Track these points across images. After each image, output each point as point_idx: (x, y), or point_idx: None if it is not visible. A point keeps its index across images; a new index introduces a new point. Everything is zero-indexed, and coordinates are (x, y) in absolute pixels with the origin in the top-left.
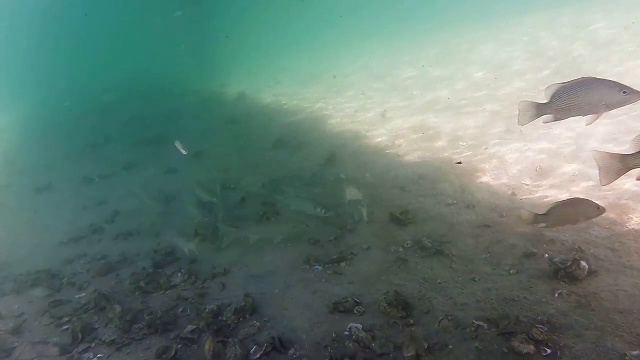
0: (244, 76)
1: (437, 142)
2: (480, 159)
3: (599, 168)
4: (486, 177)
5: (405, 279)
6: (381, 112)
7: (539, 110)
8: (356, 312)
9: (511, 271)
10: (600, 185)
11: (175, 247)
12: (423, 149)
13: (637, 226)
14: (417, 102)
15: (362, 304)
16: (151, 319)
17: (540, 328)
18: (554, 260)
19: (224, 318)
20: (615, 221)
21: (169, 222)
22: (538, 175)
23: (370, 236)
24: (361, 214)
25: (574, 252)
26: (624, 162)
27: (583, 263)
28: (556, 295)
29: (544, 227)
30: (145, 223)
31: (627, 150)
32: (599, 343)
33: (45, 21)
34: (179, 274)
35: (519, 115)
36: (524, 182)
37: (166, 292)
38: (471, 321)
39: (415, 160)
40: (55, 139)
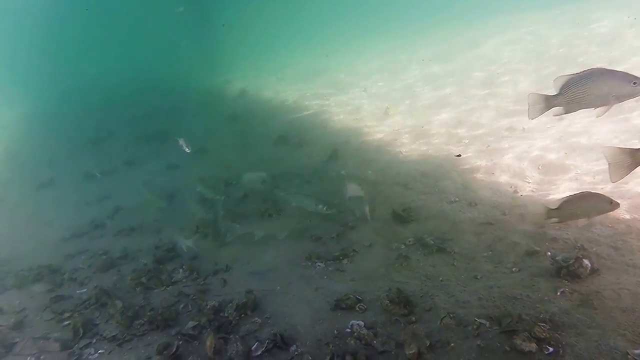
0: (246, 72)
1: (440, 139)
2: (482, 157)
3: (609, 164)
4: (488, 175)
5: (407, 277)
6: (384, 109)
7: (549, 102)
8: (358, 309)
9: (513, 269)
10: (610, 182)
11: (175, 244)
12: (425, 146)
13: None
14: (420, 99)
15: (364, 301)
16: (152, 315)
17: (542, 326)
18: (557, 258)
19: (226, 314)
20: (618, 219)
21: (171, 219)
22: (541, 172)
23: (372, 233)
24: (363, 212)
25: (577, 251)
26: (635, 157)
27: (585, 261)
28: (558, 293)
29: (556, 222)
30: (147, 219)
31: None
32: (602, 341)
33: (47, 19)
34: (181, 270)
35: (529, 108)
36: (527, 180)
37: (168, 289)
38: (473, 319)
39: (417, 157)
40: (57, 135)
